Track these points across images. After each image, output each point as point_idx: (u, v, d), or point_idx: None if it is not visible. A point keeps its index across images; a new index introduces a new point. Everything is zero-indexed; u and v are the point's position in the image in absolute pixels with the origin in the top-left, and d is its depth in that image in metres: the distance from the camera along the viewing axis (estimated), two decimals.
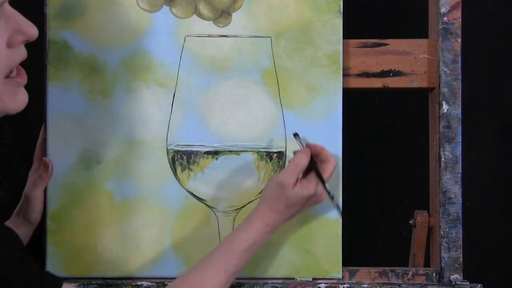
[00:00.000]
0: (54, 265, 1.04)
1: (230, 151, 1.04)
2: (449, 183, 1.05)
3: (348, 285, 1.03)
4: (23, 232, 1.02)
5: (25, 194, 1.03)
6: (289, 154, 1.05)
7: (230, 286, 1.02)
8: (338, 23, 1.05)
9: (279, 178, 0.93)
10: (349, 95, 1.07)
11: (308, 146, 0.97)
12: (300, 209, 0.95)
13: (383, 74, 1.07)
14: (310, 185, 0.94)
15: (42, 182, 1.02)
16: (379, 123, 1.46)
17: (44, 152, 1.04)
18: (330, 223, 1.04)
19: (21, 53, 0.77)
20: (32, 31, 0.76)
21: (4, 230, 0.79)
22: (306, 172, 0.95)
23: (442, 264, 1.05)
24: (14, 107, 0.77)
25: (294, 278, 1.05)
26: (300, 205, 0.94)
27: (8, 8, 0.75)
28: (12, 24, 0.75)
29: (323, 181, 0.94)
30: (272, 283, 1.03)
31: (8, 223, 1.02)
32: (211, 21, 1.05)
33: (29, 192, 1.02)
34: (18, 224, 1.02)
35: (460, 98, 1.05)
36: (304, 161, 0.94)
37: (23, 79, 0.78)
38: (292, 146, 1.05)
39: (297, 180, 0.93)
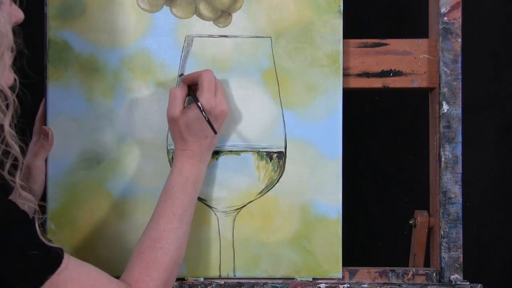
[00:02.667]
0: None
1: (230, 151, 1.04)
2: (449, 183, 1.05)
3: (348, 285, 1.03)
4: (26, 206, 1.02)
5: (25, 166, 1.02)
6: (289, 154, 1.05)
7: (230, 286, 1.03)
8: (338, 23, 1.05)
9: (167, 115, 0.97)
10: (349, 95, 1.07)
11: (183, 79, 0.99)
12: (207, 129, 0.96)
13: (383, 74, 1.07)
14: (194, 109, 0.95)
15: (43, 151, 1.02)
16: (379, 124, 1.46)
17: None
18: (330, 223, 1.04)
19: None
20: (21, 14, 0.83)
21: (7, 203, 0.79)
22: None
23: (442, 264, 1.05)
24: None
25: (294, 278, 1.05)
26: (204, 125, 0.95)
27: None
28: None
29: (195, 99, 0.95)
30: (272, 283, 1.04)
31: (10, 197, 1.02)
32: (211, 21, 1.05)
33: (30, 163, 1.02)
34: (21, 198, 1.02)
35: (460, 98, 1.05)
36: (179, 91, 0.97)
37: None
38: (293, 146, 1.05)
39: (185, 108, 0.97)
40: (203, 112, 0.94)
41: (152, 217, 0.95)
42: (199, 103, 0.95)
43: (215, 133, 0.95)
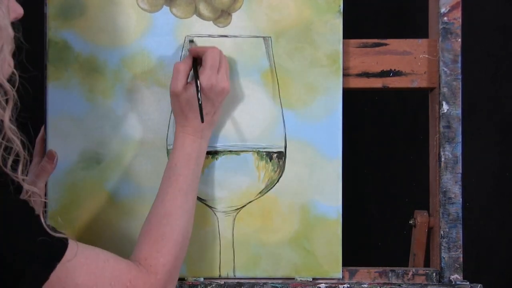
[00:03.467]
0: None
1: (230, 151, 1.04)
2: (449, 183, 1.05)
3: (348, 285, 1.03)
4: None
5: (26, 188, 1.03)
6: (289, 154, 1.05)
7: (230, 286, 1.03)
8: (338, 23, 1.05)
9: (170, 90, 0.97)
10: (349, 95, 1.07)
11: (190, 50, 0.99)
12: (207, 106, 0.96)
13: (383, 74, 1.07)
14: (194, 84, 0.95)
15: (45, 174, 1.02)
16: (379, 123, 1.46)
17: (44, 150, 1.04)
18: (330, 223, 1.04)
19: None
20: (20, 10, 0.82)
21: (6, 195, 0.79)
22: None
23: (442, 264, 1.05)
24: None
25: (294, 278, 1.05)
26: (205, 103, 0.95)
27: None
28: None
29: (196, 76, 0.95)
30: (272, 283, 1.04)
31: None
32: (211, 21, 1.05)
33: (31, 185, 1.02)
34: None
35: (460, 98, 1.05)
36: (182, 66, 0.96)
37: None
38: (293, 146, 1.05)
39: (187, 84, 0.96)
40: (198, 94, 0.94)
41: (157, 195, 0.95)
42: (198, 82, 0.94)
43: (202, 121, 0.94)
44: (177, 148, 0.96)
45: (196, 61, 0.98)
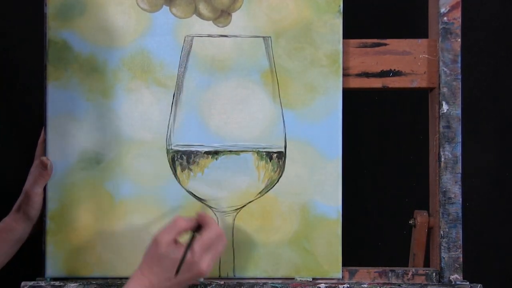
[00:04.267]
0: (54, 265, 1.04)
1: (230, 151, 1.04)
2: (449, 183, 1.05)
3: (348, 285, 1.03)
4: (22, 228, 1.03)
5: (25, 191, 1.03)
6: (289, 154, 1.05)
7: (229, 286, 1.03)
8: (338, 23, 1.05)
9: (155, 235, 0.90)
10: (349, 95, 1.07)
11: (197, 214, 0.92)
12: (177, 280, 0.90)
13: (383, 74, 1.07)
14: (180, 249, 0.89)
15: (42, 179, 1.03)
16: (379, 123, 1.46)
17: (44, 151, 1.04)
18: (330, 223, 1.05)
19: None
20: None
21: None
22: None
23: (442, 264, 1.05)
24: None
25: (294, 278, 1.05)
26: (174, 271, 0.89)
27: None
28: None
29: (187, 249, 0.89)
30: (272, 283, 1.04)
31: (8, 218, 1.03)
32: (211, 21, 1.05)
33: (29, 189, 1.03)
34: (17, 220, 1.03)
35: (460, 98, 1.05)
36: (183, 223, 0.90)
37: None
38: (292, 146, 1.05)
39: (175, 242, 0.90)
40: (187, 250, 0.88)
41: None
42: (191, 244, 0.89)
43: (177, 272, 0.88)
44: None
45: (197, 231, 0.91)
